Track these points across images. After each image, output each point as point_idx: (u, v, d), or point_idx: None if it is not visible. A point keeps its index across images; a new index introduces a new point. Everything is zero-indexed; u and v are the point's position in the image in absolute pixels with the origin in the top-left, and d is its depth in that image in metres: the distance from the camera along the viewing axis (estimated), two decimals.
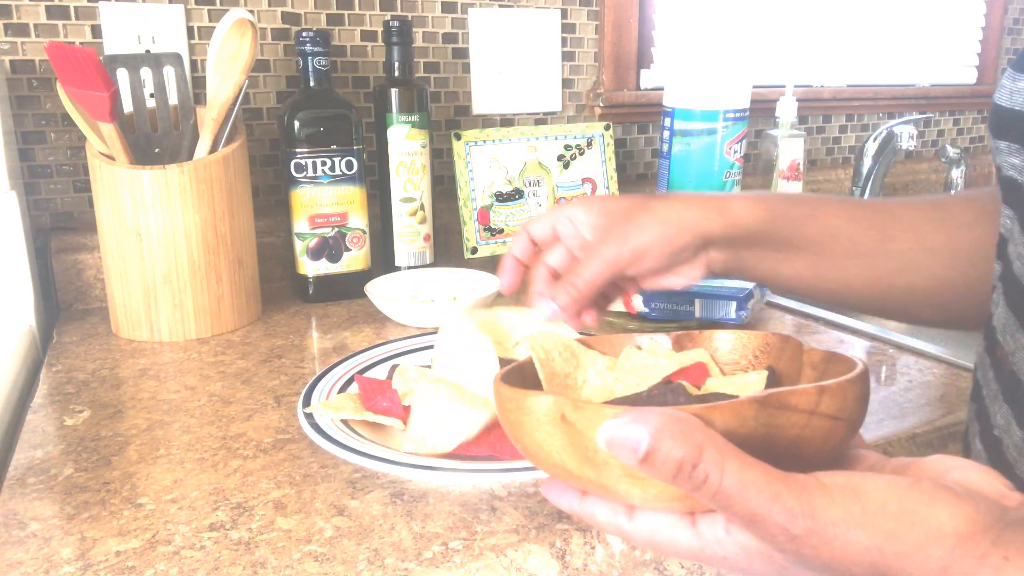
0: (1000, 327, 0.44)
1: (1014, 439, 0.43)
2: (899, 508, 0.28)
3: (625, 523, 0.33)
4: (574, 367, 0.42)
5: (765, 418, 0.30)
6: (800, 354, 0.40)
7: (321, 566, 0.44)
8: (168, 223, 0.77)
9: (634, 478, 0.31)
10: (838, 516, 0.28)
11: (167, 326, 0.80)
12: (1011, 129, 0.43)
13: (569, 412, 0.31)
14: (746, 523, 0.29)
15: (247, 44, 0.79)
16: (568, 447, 0.32)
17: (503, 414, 0.35)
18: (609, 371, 0.43)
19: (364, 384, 0.61)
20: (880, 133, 1.34)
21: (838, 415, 0.31)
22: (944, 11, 1.53)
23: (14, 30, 0.87)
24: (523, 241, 0.54)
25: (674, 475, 0.28)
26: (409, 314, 0.82)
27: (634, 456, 0.28)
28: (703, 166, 1.11)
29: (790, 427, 0.31)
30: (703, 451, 0.28)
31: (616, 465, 0.31)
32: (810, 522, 0.28)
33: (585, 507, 0.34)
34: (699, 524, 0.32)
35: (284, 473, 0.54)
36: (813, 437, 0.31)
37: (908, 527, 0.28)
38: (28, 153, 0.91)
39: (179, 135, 0.85)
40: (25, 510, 0.49)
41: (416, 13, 1.06)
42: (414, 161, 0.97)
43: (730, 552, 0.31)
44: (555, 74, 1.17)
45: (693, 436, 0.28)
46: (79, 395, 0.67)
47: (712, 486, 0.28)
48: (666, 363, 0.43)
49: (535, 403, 0.32)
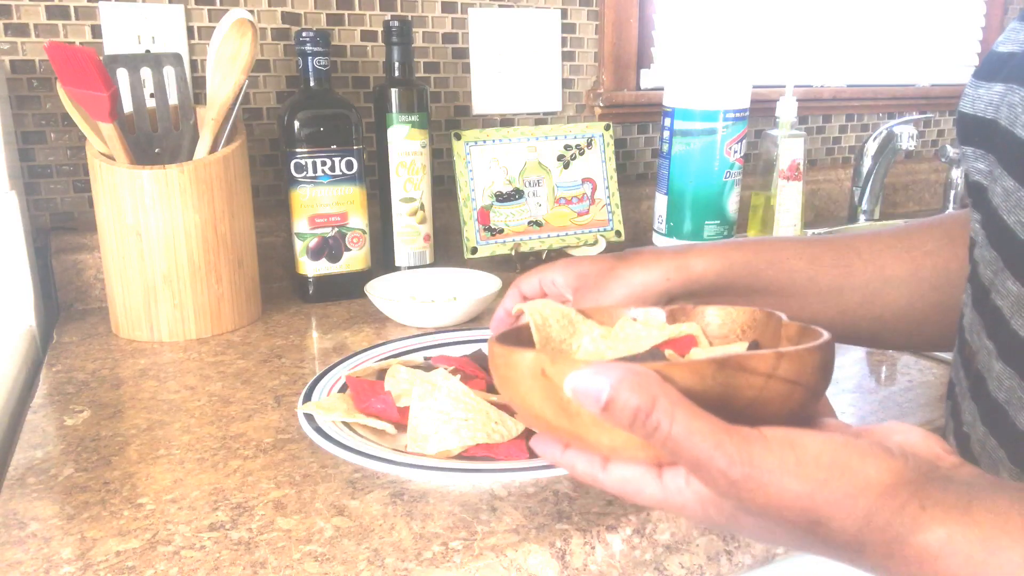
0: (967, 327, 0.46)
1: (978, 434, 0.44)
2: (831, 460, 0.30)
3: (600, 473, 0.36)
4: (570, 334, 0.45)
5: (723, 378, 0.32)
6: (780, 328, 0.42)
7: (321, 566, 0.44)
8: (168, 223, 0.78)
9: (601, 427, 0.34)
10: (774, 464, 0.30)
11: (167, 326, 0.80)
12: (975, 135, 0.44)
13: (548, 366, 0.34)
14: (692, 468, 0.31)
15: (247, 44, 0.79)
16: (547, 399, 0.34)
17: (494, 370, 0.38)
18: (603, 339, 0.45)
19: (356, 385, 0.60)
20: (880, 133, 1.34)
21: (796, 380, 0.33)
22: (944, 11, 1.53)
23: (14, 30, 0.87)
24: (515, 297, 0.58)
25: (630, 422, 0.31)
26: (409, 314, 0.82)
27: (596, 404, 0.31)
28: (703, 166, 1.11)
29: (747, 388, 0.33)
30: (656, 401, 0.31)
31: (586, 415, 0.33)
32: (747, 468, 0.30)
33: (566, 459, 0.37)
34: (664, 476, 0.35)
35: (284, 473, 0.54)
36: (771, 399, 0.33)
37: (837, 477, 0.30)
38: (28, 153, 0.91)
39: (179, 135, 0.85)
40: (25, 510, 0.49)
41: (416, 13, 1.06)
42: (414, 161, 0.97)
43: (688, 500, 0.34)
44: (555, 74, 1.17)
45: (649, 388, 0.31)
46: (79, 395, 0.67)
47: (662, 433, 0.31)
48: (657, 334, 0.45)
49: (519, 359, 0.35)
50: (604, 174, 1.13)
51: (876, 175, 1.35)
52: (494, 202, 1.07)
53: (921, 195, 1.57)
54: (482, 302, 0.83)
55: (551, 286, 0.56)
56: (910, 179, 1.55)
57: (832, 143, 1.48)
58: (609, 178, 1.13)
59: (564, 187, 1.11)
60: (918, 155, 1.58)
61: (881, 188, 1.36)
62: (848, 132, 1.49)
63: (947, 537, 0.28)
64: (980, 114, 0.44)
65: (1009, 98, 0.41)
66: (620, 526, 0.48)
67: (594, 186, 1.12)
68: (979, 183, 0.44)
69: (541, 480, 0.52)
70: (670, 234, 1.15)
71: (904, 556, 0.29)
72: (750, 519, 0.33)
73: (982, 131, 0.44)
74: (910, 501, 0.29)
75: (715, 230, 1.14)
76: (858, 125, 1.49)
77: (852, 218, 1.38)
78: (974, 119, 0.44)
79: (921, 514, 0.29)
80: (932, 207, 1.54)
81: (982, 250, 0.44)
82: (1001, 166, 0.41)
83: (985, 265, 0.43)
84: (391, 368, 0.61)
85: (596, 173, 1.12)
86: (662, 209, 1.16)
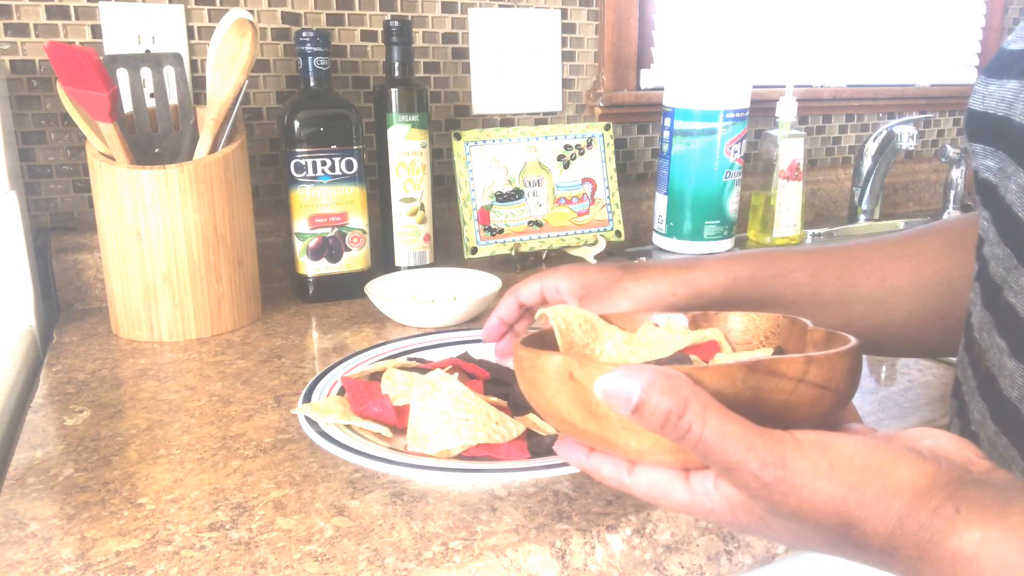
0: (977, 325, 0.46)
1: (988, 433, 0.44)
2: (864, 463, 0.30)
3: (626, 477, 0.36)
4: (593, 339, 0.45)
5: (753, 382, 0.32)
6: (805, 334, 0.42)
7: (321, 566, 0.44)
8: (168, 223, 0.78)
9: (630, 430, 0.34)
10: (806, 467, 0.30)
11: (167, 326, 0.80)
12: (984, 132, 0.45)
13: (575, 370, 0.34)
14: (723, 470, 0.31)
15: (247, 44, 0.79)
16: (574, 403, 0.35)
17: (519, 373, 0.38)
18: (626, 344, 0.46)
19: (352, 387, 0.59)
20: (880, 133, 1.34)
21: (825, 384, 0.33)
22: (944, 11, 1.53)
23: (14, 30, 0.87)
24: (510, 305, 0.58)
25: (661, 425, 0.31)
26: (409, 314, 0.82)
27: (627, 407, 0.31)
28: (703, 166, 1.11)
29: (777, 392, 0.33)
30: (688, 404, 0.31)
31: (614, 418, 0.33)
32: (780, 471, 0.30)
33: (591, 462, 0.37)
34: (692, 479, 0.34)
35: (284, 473, 0.54)
36: (800, 403, 0.33)
37: (870, 480, 0.30)
38: (28, 153, 0.91)
39: (179, 135, 0.85)
40: (25, 510, 0.49)
41: (416, 13, 1.06)
42: (414, 161, 0.97)
43: (717, 504, 0.34)
44: (555, 74, 1.17)
45: (680, 391, 0.31)
46: (79, 395, 0.67)
47: (694, 435, 0.31)
48: (680, 339, 0.45)
49: (546, 362, 0.35)
50: (604, 174, 1.13)
51: (876, 175, 1.35)
52: (494, 202, 1.07)
53: (921, 195, 1.57)
54: (482, 302, 0.83)
55: (554, 293, 0.56)
56: (910, 179, 1.55)
57: (832, 143, 1.48)
58: (609, 178, 1.13)
59: (564, 187, 1.11)
60: (918, 155, 1.58)
61: (881, 188, 1.36)
62: (848, 132, 1.49)
63: (982, 540, 0.28)
64: (992, 111, 0.44)
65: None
66: (620, 526, 0.48)
67: (594, 186, 1.12)
68: (989, 180, 0.44)
69: (541, 480, 0.52)
70: (670, 234, 1.15)
71: (939, 559, 0.29)
72: (781, 522, 0.33)
73: (993, 128, 0.44)
74: (944, 504, 0.29)
75: (715, 230, 1.14)
76: (858, 125, 1.49)
77: (852, 218, 1.38)
78: (985, 116, 0.44)
79: (955, 517, 0.29)
80: (932, 207, 1.54)
81: (993, 247, 0.44)
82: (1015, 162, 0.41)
83: (997, 263, 0.43)
84: (387, 371, 0.61)
85: (596, 173, 1.12)
86: (662, 209, 1.16)
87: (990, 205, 0.44)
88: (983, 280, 0.45)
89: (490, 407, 0.55)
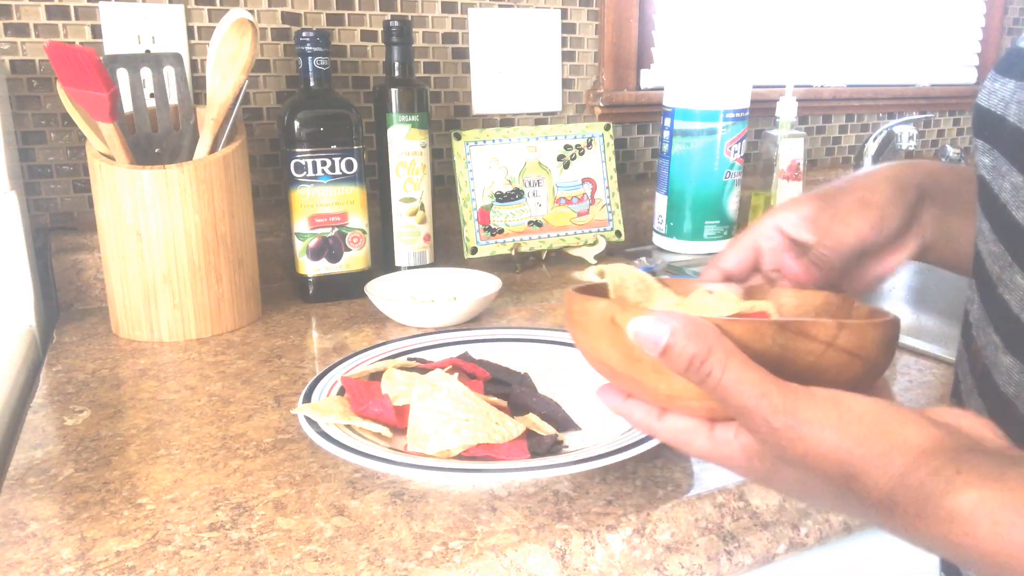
0: (975, 322, 0.46)
1: None
2: (873, 419, 0.32)
3: (655, 423, 0.38)
4: (645, 298, 0.46)
5: (783, 340, 0.34)
6: (851, 310, 0.44)
7: (321, 566, 0.44)
8: (168, 223, 0.78)
9: (660, 374, 0.36)
10: (816, 416, 0.32)
11: (167, 326, 0.80)
12: (985, 128, 0.45)
13: (617, 314, 0.36)
14: (738, 415, 0.34)
15: (247, 44, 0.79)
16: (614, 346, 0.37)
17: (568, 316, 0.40)
18: (677, 307, 0.46)
19: (352, 387, 0.60)
20: (880, 133, 1.34)
21: (856, 351, 0.35)
22: (944, 11, 1.53)
23: (14, 30, 0.87)
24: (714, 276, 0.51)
25: (686, 368, 0.33)
26: (409, 314, 0.82)
27: (655, 348, 0.33)
28: (703, 166, 1.11)
29: (806, 353, 0.34)
30: (712, 351, 0.33)
31: (647, 362, 0.35)
32: (789, 419, 0.32)
33: (626, 407, 0.39)
34: (715, 429, 0.37)
35: (284, 473, 0.54)
36: (828, 367, 0.35)
37: (877, 436, 0.31)
38: (28, 153, 0.91)
39: (179, 135, 0.85)
40: (25, 510, 0.49)
41: (416, 13, 1.06)
42: (414, 161, 0.97)
43: (735, 451, 0.36)
44: (555, 74, 1.17)
45: (706, 338, 0.33)
46: (79, 395, 0.67)
47: (714, 379, 0.33)
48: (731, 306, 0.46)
49: (592, 306, 0.38)
50: (604, 174, 1.13)
51: None
52: (494, 202, 1.07)
53: None
54: (482, 302, 0.83)
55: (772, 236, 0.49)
56: None
57: (832, 143, 1.48)
58: (609, 178, 1.13)
59: (564, 187, 1.11)
60: (918, 155, 1.58)
61: None
62: (848, 132, 1.49)
63: (978, 500, 0.29)
64: (993, 108, 0.44)
65: (1019, 95, 0.41)
66: (620, 526, 0.48)
67: (594, 186, 1.12)
68: (982, 177, 0.44)
69: (541, 480, 0.52)
70: (670, 234, 1.15)
71: (936, 517, 0.30)
72: (789, 470, 0.34)
73: (992, 125, 0.44)
74: (946, 465, 0.30)
75: (715, 230, 1.14)
76: (858, 125, 1.49)
77: None
78: (987, 113, 0.45)
79: (956, 477, 0.30)
80: None
81: (988, 244, 0.44)
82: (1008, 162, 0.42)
83: (992, 260, 0.44)
84: (387, 371, 0.61)
85: (596, 173, 1.12)
86: (662, 209, 1.16)
87: (985, 202, 0.44)
88: (979, 276, 0.45)
89: (490, 407, 0.55)
